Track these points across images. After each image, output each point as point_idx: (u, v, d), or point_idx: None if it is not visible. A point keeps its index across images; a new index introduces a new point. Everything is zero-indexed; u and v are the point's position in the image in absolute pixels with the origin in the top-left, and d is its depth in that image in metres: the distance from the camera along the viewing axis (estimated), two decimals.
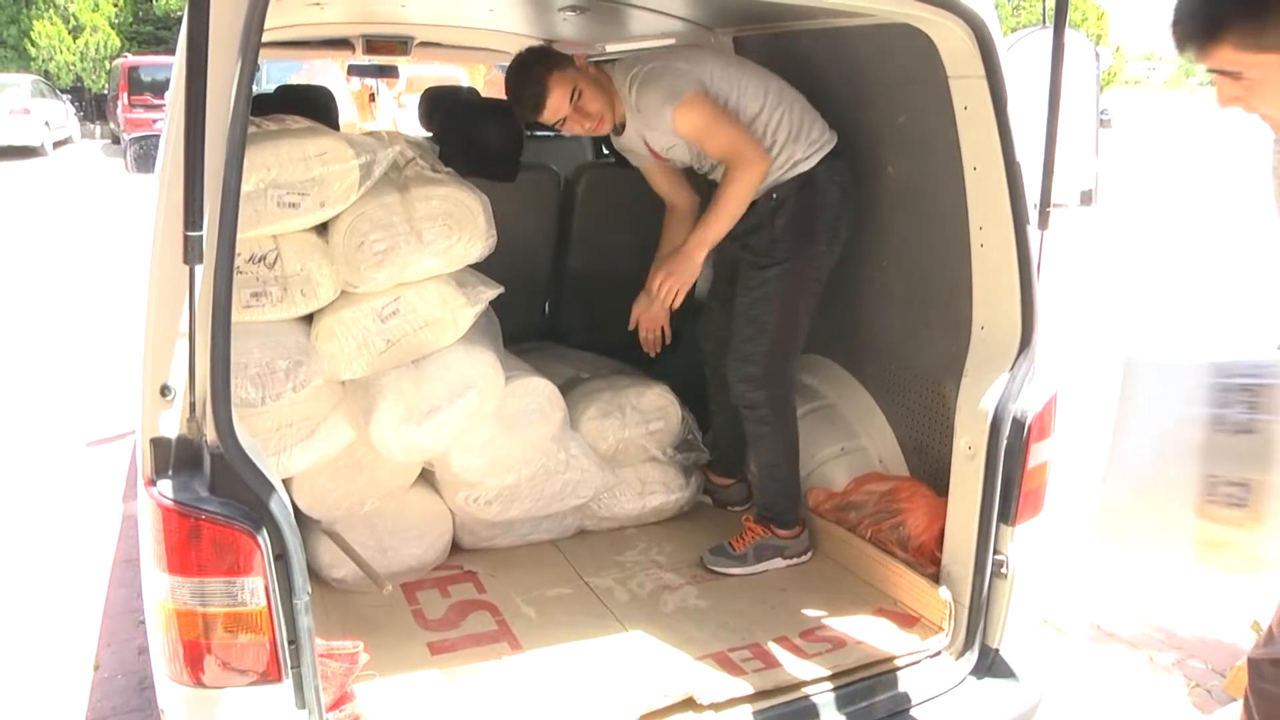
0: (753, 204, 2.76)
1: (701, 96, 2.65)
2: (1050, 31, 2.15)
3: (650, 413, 3.10)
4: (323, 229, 2.45)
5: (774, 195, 2.75)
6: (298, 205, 2.32)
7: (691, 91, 2.64)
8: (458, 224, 2.54)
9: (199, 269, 1.55)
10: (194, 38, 1.43)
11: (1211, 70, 1.63)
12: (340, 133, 2.46)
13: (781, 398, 2.88)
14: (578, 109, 2.72)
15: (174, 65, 1.80)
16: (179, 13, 27.08)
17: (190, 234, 1.49)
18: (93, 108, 26.07)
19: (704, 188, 3.01)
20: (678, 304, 2.83)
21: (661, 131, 2.76)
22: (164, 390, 1.64)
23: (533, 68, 2.72)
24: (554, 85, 2.69)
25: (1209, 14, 1.59)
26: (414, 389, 2.54)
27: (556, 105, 2.71)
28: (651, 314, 2.91)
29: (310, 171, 2.31)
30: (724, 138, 2.66)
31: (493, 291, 2.65)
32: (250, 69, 1.62)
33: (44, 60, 25.77)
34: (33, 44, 25.73)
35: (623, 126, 2.86)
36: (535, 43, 4.89)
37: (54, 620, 3.45)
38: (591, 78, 2.75)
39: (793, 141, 2.72)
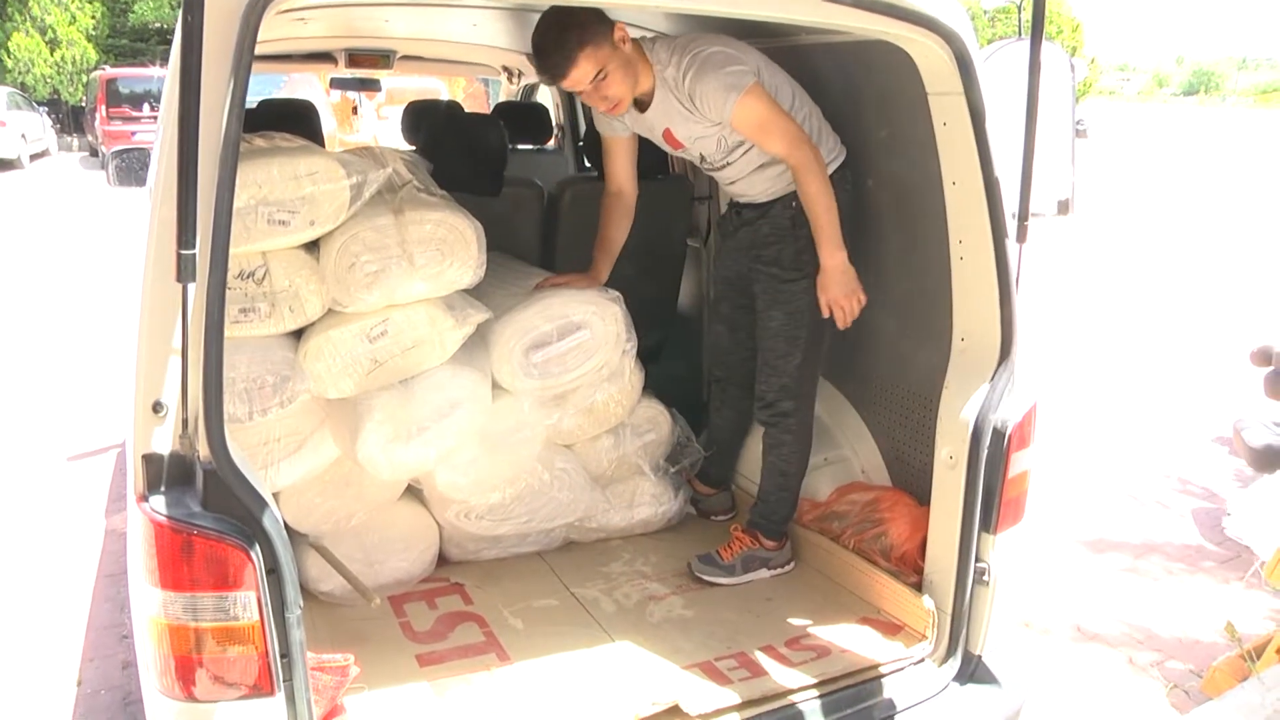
0: (767, 212, 2.77)
1: (762, 89, 2.57)
2: (1026, 43, 2.19)
3: (642, 425, 3.12)
4: (312, 246, 2.46)
5: (794, 204, 2.72)
6: (288, 223, 2.33)
7: (755, 82, 2.55)
8: (450, 249, 2.55)
9: (191, 287, 1.56)
10: (186, 57, 1.44)
11: None
12: (332, 152, 2.47)
13: (810, 404, 2.90)
14: (598, 88, 2.56)
15: (165, 84, 1.81)
16: (156, 23, 26.96)
17: (184, 252, 1.50)
18: (70, 120, 25.87)
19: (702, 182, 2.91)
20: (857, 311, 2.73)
21: (704, 120, 2.62)
22: (156, 406, 1.65)
23: (567, 34, 2.48)
24: (582, 61, 2.49)
25: None
26: (402, 408, 2.55)
27: (576, 80, 2.53)
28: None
29: (301, 190, 2.32)
30: (785, 134, 2.58)
31: (481, 315, 2.65)
32: (243, 88, 1.63)
33: (20, 73, 25.53)
34: (10, 55, 25.52)
35: (644, 105, 2.71)
36: (518, 56, 4.94)
37: (36, 635, 3.43)
38: (624, 59, 2.55)
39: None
